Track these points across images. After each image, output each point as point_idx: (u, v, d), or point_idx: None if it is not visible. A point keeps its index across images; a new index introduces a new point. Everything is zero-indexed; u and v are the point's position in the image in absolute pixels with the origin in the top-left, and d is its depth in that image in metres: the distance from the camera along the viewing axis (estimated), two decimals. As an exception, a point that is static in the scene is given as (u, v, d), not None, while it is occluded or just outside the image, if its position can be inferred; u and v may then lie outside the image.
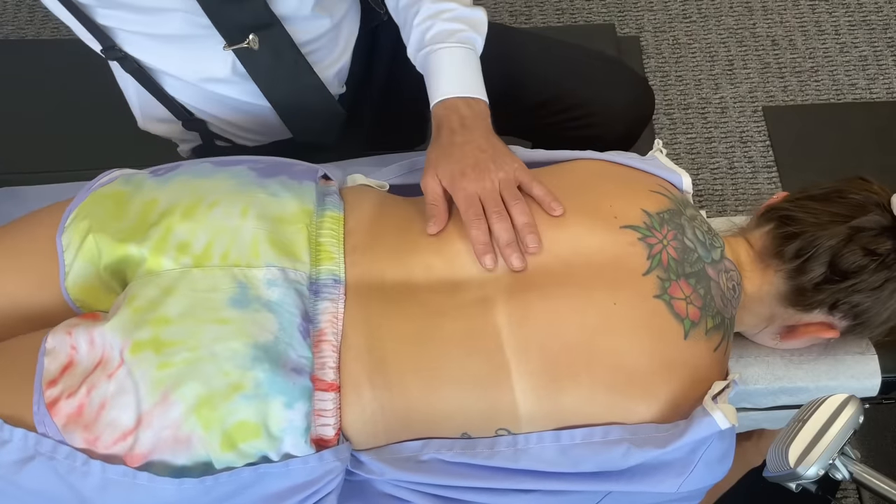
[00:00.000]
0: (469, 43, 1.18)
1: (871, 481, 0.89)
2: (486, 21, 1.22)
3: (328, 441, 0.98)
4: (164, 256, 1.02)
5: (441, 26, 1.18)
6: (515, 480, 0.99)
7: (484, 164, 1.08)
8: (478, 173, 1.07)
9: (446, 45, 1.17)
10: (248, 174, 1.11)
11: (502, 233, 1.04)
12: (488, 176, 1.07)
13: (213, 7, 1.11)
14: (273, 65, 1.20)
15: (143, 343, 0.96)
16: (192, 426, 0.94)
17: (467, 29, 1.19)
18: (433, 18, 1.19)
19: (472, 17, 1.20)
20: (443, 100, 1.15)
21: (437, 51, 1.17)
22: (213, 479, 0.94)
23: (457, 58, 1.17)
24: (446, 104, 1.14)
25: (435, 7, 1.19)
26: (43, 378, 0.97)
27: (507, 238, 1.04)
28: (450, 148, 1.10)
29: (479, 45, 1.21)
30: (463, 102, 1.14)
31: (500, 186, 1.07)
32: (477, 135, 1.11)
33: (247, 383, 0.95)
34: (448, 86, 1.15)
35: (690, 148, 2.17)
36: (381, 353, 1.00)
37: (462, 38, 1.18)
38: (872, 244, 1.05)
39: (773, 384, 1.16)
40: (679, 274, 1.03)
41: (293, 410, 0.96)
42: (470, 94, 1.15)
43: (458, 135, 1.11)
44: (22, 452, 0.96)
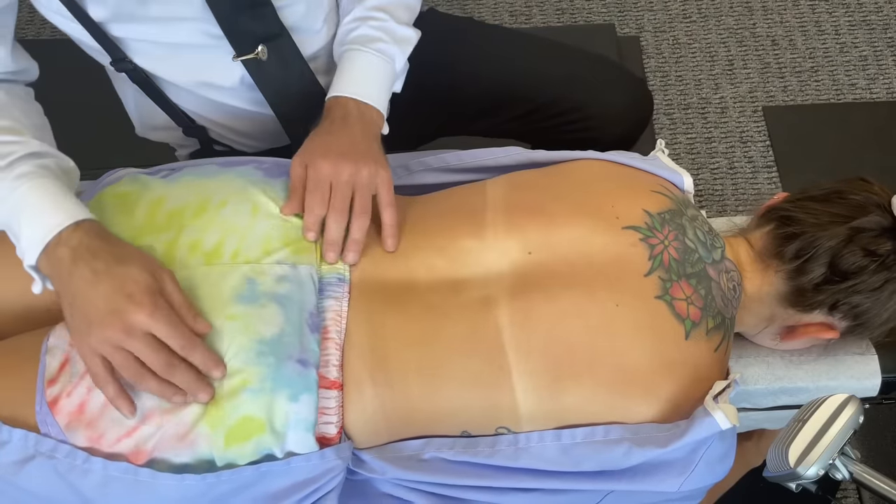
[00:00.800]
0: (386, 55, 1.17)
1: (871, 481, 0.89)
2: (413, 41, 1.22)
3: (330, 439, 0.99)
4: (175, 255, 1.03)
5: (364, 31, 1.18)
6: (517, 479, 1.00)
7: (349, 155, 1.07)
8: (339, 160, 1.06)
9: (362, 49, 1.17)
10: (254, 173, 1.11)
11: (333, 230, 1.04)
12: (348, 168, 1.06)
13: (225, 17, 1.12)
14: (280, 75, 1.21)
15: None
16: (199, 424, 0.94)
17: (389, 42, 1.18)
18: (360, 21, 1.19)
19: (399, 33, 1.20)
20: (336, 96, 1.14)
21: (352, 51, 1.17)
22: (214, 476, 0.95)
23: (367, 63, 1.17)
24: (338, 100, 1.14)
25: (366, 13, 1.20)
26: (45, 377, 0.97)
27: (335, 237, 1.04)
28: (323, 135, 1.11)
29: (397, 60, 1.19)
30: (354, 104, 1.13)
31: (356, 186, 1.06)
32: (355, 129, 1.11)
33: (252, 378, 0.95)
34: (347, 85, 1.15)
35: (690, 148, 2.17)
36: (383, 351, 1.01)
37: (380, 48, 1.17)
38: (872, 245, 1.05)
39: (773, 384, 1.16)
40: (680, 274, 1.03)
41: (298, 403, 0.96)
42: (366, 100, 1.14)
43: (336, 125, 1.11)
44: (21, 453, 0.96)
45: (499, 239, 1.05)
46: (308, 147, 1.09)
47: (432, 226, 1.09)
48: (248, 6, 1.13)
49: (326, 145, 1.08)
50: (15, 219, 0.96)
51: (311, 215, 1.05)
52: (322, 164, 1.06)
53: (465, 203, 1.12)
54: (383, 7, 1.20)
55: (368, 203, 1.06)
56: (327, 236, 1.05)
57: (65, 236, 0.95)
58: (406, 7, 1.23)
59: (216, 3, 1.10)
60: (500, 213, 1.08)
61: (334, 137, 1.10)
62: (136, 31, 1.14)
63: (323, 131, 1.11)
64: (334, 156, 1.06)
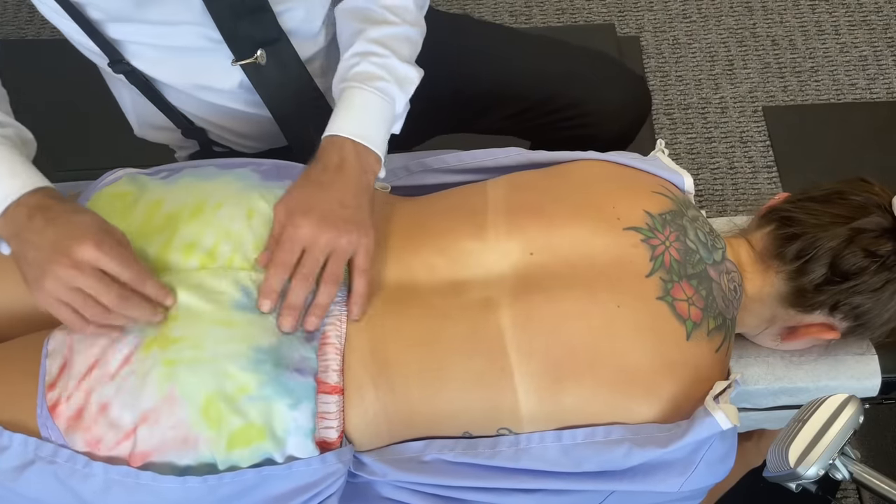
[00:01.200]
0: (387, 94, 1.11)
1: (871, 481, 0.89)
2: (416, 80, 1.15)
3: (331, 443, 0.99)
4: (170, 256, 1.03)
5: (365, 67, 1.12)
6: (518, 480, 1.00)
7: (332, 220, 1.01)
8: (319, 223, 1.00)
9: (362, 87, 1.10)
10: (251, 176, 1.11)
11: (296, 296, 0.99)
12: (327, 233, 1.00)
13: (225, 22, 1.12)
14: (279, 79, 1.21)
15: (153, 340, 0.97)
16: (199, 427, 0.94)
17: (390, 80, 1.11)
18: (361, 56, 1.12)
19: (400, 72, 1.13)
20: (333, 135, 1.07)
21: (352, 88, 1.11)
22: (216, 478, 0.95)
23: (367, 102, 1.10)
24: (335, 140, 1.07)
25: (368, 47, 1.13)
26: (45, 381, 0.97)
27: (297, 303, 0.99)
28: (313, 185, 1.04)
29: (398, 101, 1.13)
30: (352, 145, 1.06)
31: (332, 253, 1.01)
32: (348, 183, 1.04)
33: (251, 385, 0.95)
34: (345, 124, 1.08)
35: (690, 148, 2.17)
36: (384, 354, 1.00)
37: (382, 87, 1.11)
38: (873, 245, 1.05)
39: (774, 384, 1.16)
40: (681, 275, 1.03)
41: (298, 411, 0.96)
42: (364, 142, 1.07)
43: (329, 174, 1.04)
44: (21, 458, 0.96)
45: (500, 240, 1.05)
46: (294, 196, 1.04)
47: (433, 227, 1.08)
48: (248, 12, 1.13)
49: (312, 201, 1.02)
50: None
51: (274, 277, 0.99)
52: (302, 223, 1.00)
53: (465, 204, 1.11)
54: (384, 42, 1.14)
55: (340, 272, 1.01)
56: (287, 300, 0.99)
57: (24, 199, 0.97)
58: (408, 41, 1.17)
59: (216, 8, 1.10)
60: (501, 214, 1.08)
61: (323, 192, 1.03)
62: (135, 34, 1.14)
63: (314, 179, 1.05)
64: (316, 217, 1.01)
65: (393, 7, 1.16)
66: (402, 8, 1.17)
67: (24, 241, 0.96)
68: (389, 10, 1.16)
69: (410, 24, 1.17)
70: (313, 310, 1.00)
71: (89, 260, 0.94)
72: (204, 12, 1.10)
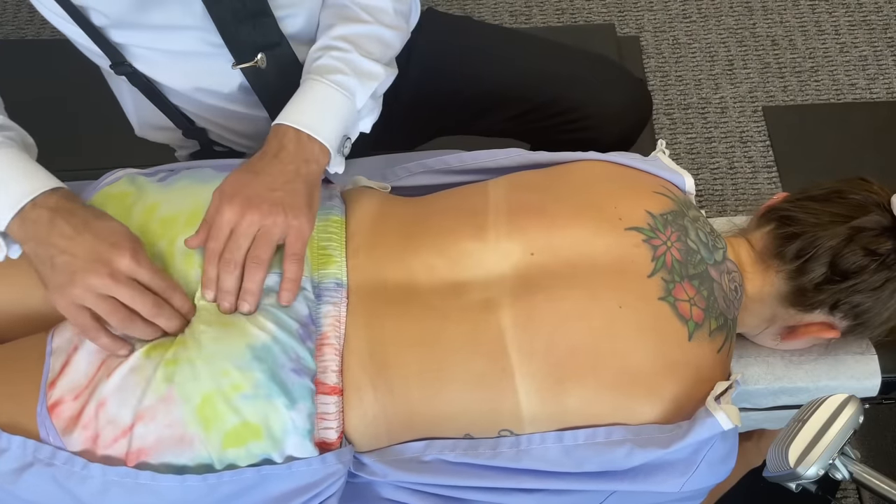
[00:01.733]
0: (344, 87, 1.10)
1: (871, 481, 0.89)
2: (379, 77, 1.14)
3: (331, 444, 0.99)
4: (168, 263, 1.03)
5: (326, 61, 1.11)
6: (519, 480, 1.00)
7: (256, 203, 0.99)
8: (244, 206, 0.99)
9: (318, 79, 1.09)
10: None
11: (225, 280, 0.99)
12: (250, 215, 0.99)
13: (226, 27, 1.12)
14: (278, 82, 1.21)
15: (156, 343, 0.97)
16: (194, 426, 0.94)
17: (351, 74, 1.10)
18: (323, 51, 1.13)
19: (363, 67, 1.12)
20: (277, 124, 1.07)
21: (309, 80, 1.10)
22: (216, 477, 0.95)
23: (320, 94, 1.09)
24: (278, 129, 1.06)
25: (331, 42, 1.13)
26: (47, 380, 0.97)
27: (228, 287, 0.99)
28: (246, 172, 1.03)
29: (358, 95, 1.11)
30: (295, 135, 1.05)
31: (257, 236, 0.99)
32: (281, 169, 1.03)
33: (246, 384, 0.95)
34: (292, 114, 1.07)
35: (690, 148, 2.17)
36: (383, 355, 1.00)
37: (339, 80, 1.09)
38: (873, 244, 1.05)
39: (774, 384, 1.16)
40: (683, 275, 1.03)
41: (295, 411, 0.96)
42: (309, 131, 1.06)
43: (264, 161, 1.04)
44: (20, 460, 0.95)
45: (501, 240, 1.05)
46: (226, 182, 1.03)
47: (433, 227, 1.08)
48: (250, 16, 1.13)
49: (240, 186, 1.01)
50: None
51: (209, 267, 0.99)
52: (224, 209, 0.99)
53: (466, 204, 1.11)
54: (349, 38, 1.13)
55: (265, 254, 0.99)
56: (221, 284, 0.99)
57: (40, 200, 0.97)
58: (378, 41, 1.16)
59: (217, 13, 1.10)
60: (502, 214, 1.08)
61: (254, 177, 1.02)
62: (137, 38, 1.14)
63: (249, 167, 1.04)
64: (240, 201, 0.99)
65: (368, 7, 1.17)
66: (377, 9, 1.17)
67: (49, 245, 0.96)
68: (364, 10, 1.16)
69: (385, 26, 1.17)
70: (243, 295, 0.99)
71: (126, 270, 0.95)
72: (205, 17, 1.10)
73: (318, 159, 1.06)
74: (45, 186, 0.98)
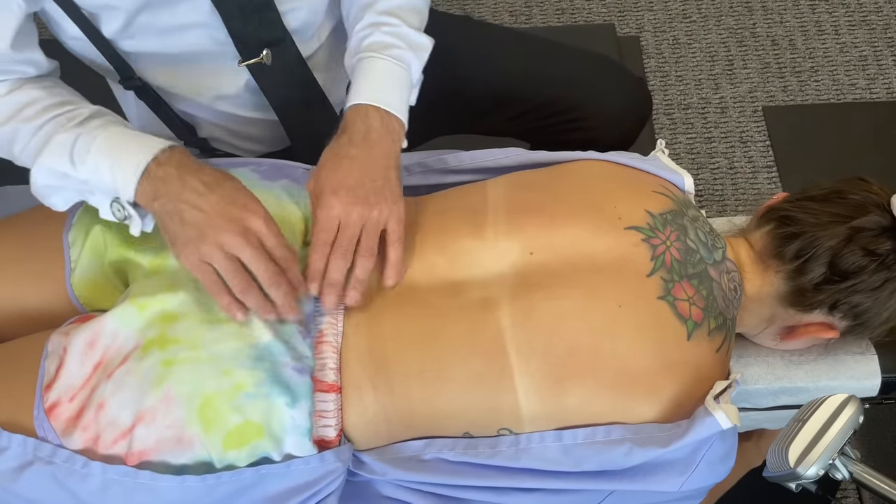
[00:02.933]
0: (402, 61, 1.11)
1: (871, 481, 0.89)
2: (428, 47, 1.15)
3: (329, 442, 0.99)
4: (170, 258, 1.03)
5: (378, 37, 1.11)
6: (518, 479, 1.00)
7: (363, 193, 1.02)
8: (351, 199, 1.01)
9: (379, 56, 1.10)
10: (250, 176, 1.11)
11: (335, 271, 1.00)
12: (359, 207, 1.01)
13: (233, 21, 1.12)
14: (283, 78, 1.21)
15: (153, 341, 0.97)
16: (194, 426, 0.94)
17: (405, 47, 1.11)
18: (373, 28, 1.12)
19: (414, 39, 1.13)
20: (357, 104, 1.07)
21: (368, 58, 1.11)
22: (215, 477, 0.95)
23: (385, 70, 1.10)
24: (358, 109, 1.07)
25: (378, 18, 1.13)
26: (43, 382, 0.97)
27: (337, 279, 1.00)
28: (341, 158, 1.04)
29: (413, 67, 1.13)
30: (376, 112, 1.07)
31: (365, 226, 1.02)
32: (375, 154, 1.05)
33: (248, 382, 0.95)
34: (368, 92, 1.08)
35: (690, 148, 2.17)
36: (382, 354, 1.00)
37: (396, 55, 1.11)
38: (872, 245, 1.05)
39: (774, 384, 1.16)
40: (682, 275, 1.03)
41: (296, 409, 0.96)
42: (388, 108, 1.07)
43: (355, 147, 1.05)
44: (20, 459, 0.96)
45: (500, 239, 1.05)
46: (323, 174, 1.04)
47: (432, 226, 1.08)
48: (255, 10, 1.13)
49: (340, 178, 1.02)
50: (104, 161, 0.99)
51: (317, 259, 1.00)
52: (332, 202, 1.01)
53: (465, 203, 1.11)
54: (394, 12, 1.14)
55: (375, 244, 1.02)
56: (328, 277, 1.00)
57: (163, 158, 0.99)
58: (416, 11, 1.17)
59: (224, 8, 1.10)
60: (501, 213, 1.08)
61: (351, 167, 1.03)
62: (145, 45, 1.14)
63: (342, 153, 1.05)
64: (344, 194, 1.01)
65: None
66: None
67: (180, 202, 0.97)
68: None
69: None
70: (354, 283, 1.00)
71: (257, 232, 0.97)
72: (212, 13, 1.11)
73: (400, 135, 1.08)
74: (162, 144, 0.99)
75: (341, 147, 1.05)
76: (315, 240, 1.01)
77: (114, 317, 0.99)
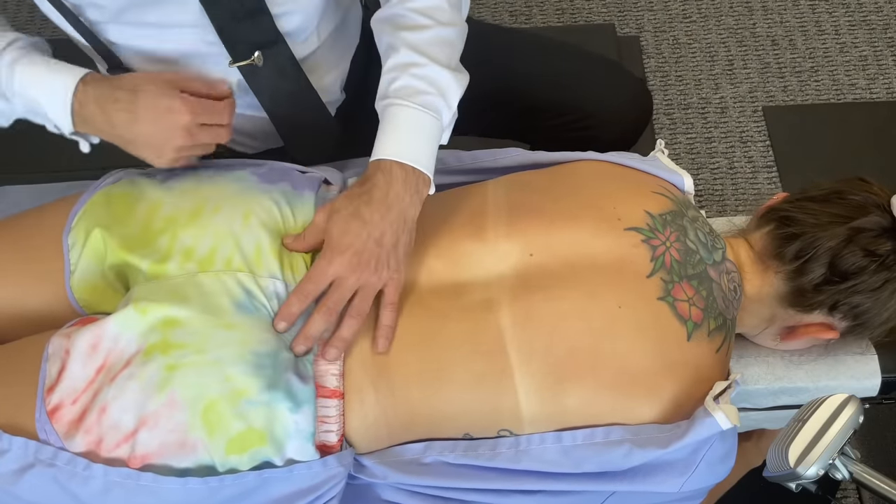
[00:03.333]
0: (433, 109, 1.06)
1: (871, 481, 0.89)
2: (456, 89, 1.09)
3: (331, 447, 0.99)
4: (170, 262, 1.03)
5: (407, 81, 1.06)
6: (518, 481, 1.00)
7: (367, 258, 1.00)
8: (354, 262, 1.00)
9: (407, 105, 1.05)
10: (249, 179, 1.11)
11: (313, 327, 0.99)
12: (359, 272, 1.00)
13: (223, 25, 1.12)
14: (275, 80, 1.21)
15: (155, 346, 0.97)
16: (197, 431, 0.94)
17: (434, 93, 1.06)
18: (401, 70, 1.07)
19: (442, 82, 1.07)
20: (381, 159, 1.04)
21: (396, 105, 1.05)
22: (217, 480, 0.95)
23: (413, 121, 1.05)
24: (382, 165, 1.03)
25: (407, 57, 1.07)
26: (45, 385, 0.97)
27: (312, 334, 1.00)
28: (357, 215, 1.02)
29: (444, 116, 1.07)
30: (401, 170, 1.03)
31: (361, 288, 1.01)
32: (391, 217, 1.02)
33: (251, 389, 0.95)
34: (394, 146, 1.04)
35: (690, 148, 2.17)
36: (383, 357, 1.01)
37: (426, 102, 1.05)
38: (872, 245, 1.05)
39: (774, 384, 1.16)
40: (682, 276, 1.03)
41: (299, 415, 0.96)
42: (413, 164, 1.03)
43: (373, 206, 1.02)
44: (21, 461, 0.95)
45: (500, 241, 1.05)
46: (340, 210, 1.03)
47: (432, 228, 1.08)
48: (247, 15, 1.12)
49: (351, 238, 1.01)
50: (33, 100, 1.07)
51: (296, 304, 1.00)
52: (335, 259, 1.00)
53: (465, 205, 1.11)
54: (420, 48, 1.08)
55: (367, 307, 1.01)
56: (306, 328, 0.99)
57: (80, 96, 1.05)
58: (444, 43, 1.10)
59: (214, 12, 1.10)
60: (501, 214, 1.08)
61: (362, 227, 1.01)
62: (133, 36, 1.14)
63: (361, 204, 1.02)
64: (349, 256, 1.00)
65: (424, 9, 1.10)
66: (432, 8, 1.10)
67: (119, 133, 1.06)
68: (420, 13, 1.10)
69: (444, 25, 1.10)
70: (335, 342, 1.00)
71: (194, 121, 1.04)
72: (202, 15, 1.10)
73: (423, 193, 1.05)
74: (74, 79, 1.05)
75: (361, 200, 1.03)
76: (299, 286, 1.01)
77: (116, 320, 0.99)
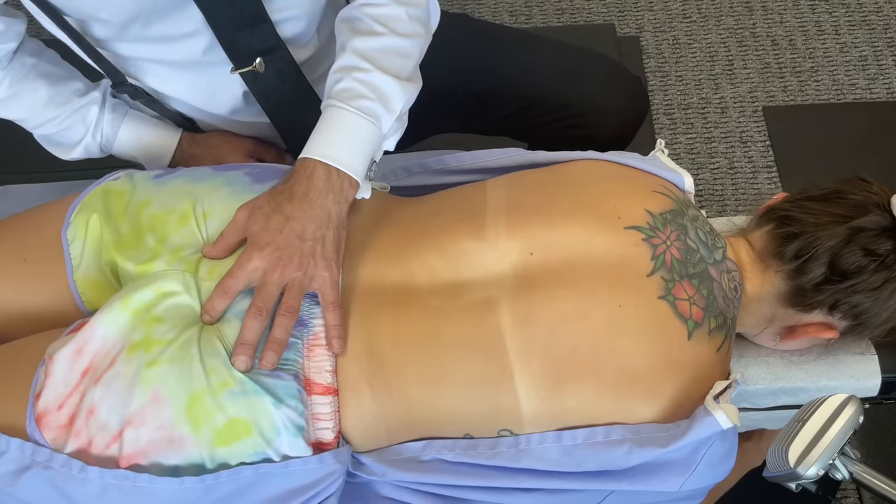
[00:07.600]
0: (371, 115, 1.04)
1: (871, 481, 0.89)
2: (400, 99, 1.08)
3: (327, 444, 0.99)
4: (158, 260, 1.03)
5: (349, 84, 1.05)
6: (518, 479, 1.00)
7: (288, 255, 0.99)
8: (275, 258, 0.99)
9: (344, 107, 1.04)
10: (242, 180, 1.11)
11: (248, 332, 0.97)
12: (281, 268, 0.99)
13: (225, 34, 1.12)
14: (277, 86, 1.21)
15: (137, 343, 0.97)
16: (183, 426, 0.94)
17: (374, 99, 1.05)
18: (345, 72, 1.06)
19: (384, 88, 1.06)
20: (306, 158, 1.03)
21: (334, 107, 1.05)
22: (213, 477, 0.95)
23: (348, 124, 1.04)
24: (306, 164, 1.02)
25: (353, 61, 1.06)
26: (35, 390, 0.97)
27: (249, 339, 0.97)
28: (277, 211, 1.01)
29: (384, 122, 1.06)
30: (325, 170, 1.01)
31: (287, 286, 0.99)
32: (311, 214, 1.00)
33: (232, 380, 0.95)
34: (322, 147, 1.03)
35: (690, 148, 2.17)
36: (380, 356, 1.00)
37: (364, 107, 1.04)
38: (872, 245, 1.05)
39: (773, 384, 1.16)
40: (682, 275, 1.03)
41: (282, 410, 0.96)
42: (339, 166, 1.02)
43: (294, 203, 1.01)
44: (18, 463, 0.96)
45: (500, 240, 1.05)
46: (260, 207, 1.02)
47: (432, 227, 1.08)
48: (248, 23, 1.12)
49: (272, 233, 1.00)
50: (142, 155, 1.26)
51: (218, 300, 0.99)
52: (254, 256, 0.99)
53: (465, 204, 1.11)
54: (366, 55, 1.07)
55: (297, 303, 0.99)
56: (241, 336, 0.97)
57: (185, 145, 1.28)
58: (396, 53, 1.09)
59: (215, 21, 1.10)
60: (501, 213, 1.08)
61: (285, 223, 1.00)
62: (140, 50, 1.15)
63: (282, 202, 1.02)
64: (272, 251, 0.99)
65: (381, 17, 1.09)
66: (390, 17, 1.09)
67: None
68: (377, 21, 1.09)
69: (400, 35, 1.09)
70: (269, 345, 0.97)
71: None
72: (204, 24, 1.10)
73: (348, 195, 1.04)
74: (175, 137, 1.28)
75: (282, 198, 1.02)
76: (222, 283, 0.99)
77: (100, 319, 0.99)
